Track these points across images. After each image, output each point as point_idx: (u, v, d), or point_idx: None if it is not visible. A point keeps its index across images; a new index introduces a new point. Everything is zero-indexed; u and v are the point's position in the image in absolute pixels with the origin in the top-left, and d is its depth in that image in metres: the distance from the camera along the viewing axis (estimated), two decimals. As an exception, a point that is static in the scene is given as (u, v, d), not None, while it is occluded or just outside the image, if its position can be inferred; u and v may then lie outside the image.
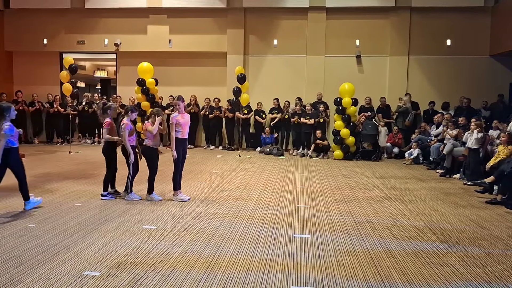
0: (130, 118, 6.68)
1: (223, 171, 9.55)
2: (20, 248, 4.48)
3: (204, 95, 13.95)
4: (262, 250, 4.58)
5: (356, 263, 4.26)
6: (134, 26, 14.41)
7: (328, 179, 8.90)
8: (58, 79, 14.01)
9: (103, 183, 6.82)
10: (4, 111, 5.74)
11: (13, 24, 14.82)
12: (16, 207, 6.10)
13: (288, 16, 14.02)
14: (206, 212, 6.07)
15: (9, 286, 3.59)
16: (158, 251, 4.47)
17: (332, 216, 5.98)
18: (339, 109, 11.86)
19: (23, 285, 3.61)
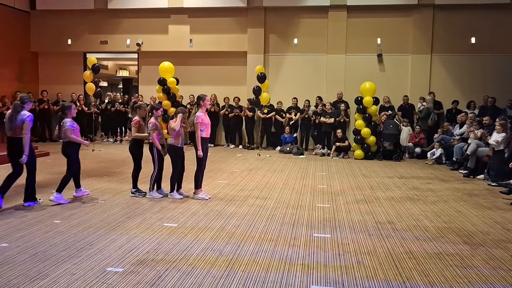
0: (155, 115, 6.77)
1: (243, 170, 9.59)
2: (46, 244, 4.59)
3: (224, 94, 14.02)
4: (282, 249, 4.59)
5: (377, 264, 4.23)
6: (156, 26, 14.59)
7: (348, 178, 8.84)
8: (82, 78, 14.31)
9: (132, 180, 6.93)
10: (66, 109, 6.42)
11: (38, 25, 15.19)
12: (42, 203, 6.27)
13: (308, 14, 13.97)
14: (226, 210, 6.11)
15: (36, 280, 3.69)
16: (179, 249, 4.53)
17: (352, 216, 5.94)
18: (360, 108, 11.76)
19: (49, 279, 3.71)
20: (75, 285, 3.62)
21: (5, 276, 3.75)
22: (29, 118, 5.90)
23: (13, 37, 14.50)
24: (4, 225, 5.21)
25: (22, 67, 15.00)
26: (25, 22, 15.08)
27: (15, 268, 3.94)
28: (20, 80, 14.83)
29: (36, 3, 14.81)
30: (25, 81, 15.01)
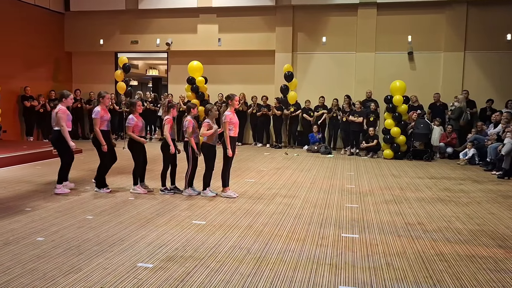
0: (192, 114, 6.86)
1: (270, 169, 9.60)
2: (79, 238, 4.73)
3: (252, 93, 14.05)
4: (310, 248, 4.58)
5: (406, 266, 4.16)
6: (185, 25, 14.76)
7: (377, 178, 8.72)
8: (113, 77, 14.64)
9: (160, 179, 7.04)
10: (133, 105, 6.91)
11: (72, 26, 15.62)
12: (75, 199, 6.46)
13: (337, 12, 13.83)
14: (253, 209, 6.14)
15: (70, 274, 3.81)
16: (207, 246, 4.58)
17: (381, 217, 5.86)
18: (390, 107, 11.56)
19: (82, 273, 3.82)
20: (107, 279, 3.72)
21: (41, 269, 3.89)
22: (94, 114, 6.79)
23: (48, 38, 14.98)
24: (40, 220, 5.40)
25: (56, 67, 15.48)
26: (60, 23, 15.54)
27: (50, 261, 4.08)
28: (55, 79, 15.31)
29: (70, 4, 15.23)
30: (60, 80, 15.48)
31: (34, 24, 14.27)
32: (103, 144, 6.77)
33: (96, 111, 6.82)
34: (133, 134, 6.77)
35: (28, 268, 3.91)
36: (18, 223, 5.24)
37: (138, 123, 6.82)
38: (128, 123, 6.77)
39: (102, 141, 6.76)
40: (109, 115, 7.00)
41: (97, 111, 6.82)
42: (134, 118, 6.80)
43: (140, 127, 6.84)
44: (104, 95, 6.96)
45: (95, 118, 6.78)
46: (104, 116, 6.86)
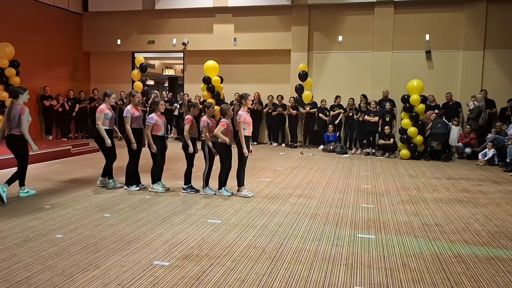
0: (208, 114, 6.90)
1: (285, 168, 9.59)
2: (97, 236, 4.80)
3: (268, 92, 14.05)
4: (325, 248, 4.56)
5: (423, 267, 4.12)
6: (201, 25, 14.83)
7: (393, 178, 8.64)
8: (130, 77, 14.81)
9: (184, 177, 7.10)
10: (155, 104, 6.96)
11: (90, 26, 15.84)
12: (93, 197, 6.56)
13: (353, 11, 13.74)
14: (269, 208, 6.14)
15: (88, 270, 3.87)
16: (223, 245, 4.60)
17: (397, 217, 5.81)
18: (407, 106, 11.43)
19: (100, 270, 3.88)
20: (124, 276, 3.76)
21: (60, 266, 3.96)
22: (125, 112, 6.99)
23: (67, 38, 15.22)
24: (59, 218, 5.49)
25: (75, 67, 15.72)
26: (78, 23, 15.77)
27: (69, 258, 4.15)
28: (73, 79, 15.54)
29: (88, 5, 15.44)
30: (78, 79, 15.72)
31: (54, 25, 14.52)
32: (132, 141, 6.89)
33: (126, 110, 6.95)
34: (149, 134, 6.83)
35: (47, 264, 3.99)
36: (37, 220, 5.35)
37: (158, 121, 6.89)
38: (148, 121, 6.84)
39: (131, 139, 6.88)
40: (139, 113, 7.07)
41: (128, 109, 6.94)
42: (154, 116, 6.87)
43: (159, 125, 6.90)
44: (135, 94, 7.11)
45: (126, 116, 6.89)
46: (134, 114, 6.96)
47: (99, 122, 6.96)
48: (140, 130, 7.10)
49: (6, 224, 5.16)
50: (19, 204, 6.15)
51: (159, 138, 6.93)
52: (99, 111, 7.03)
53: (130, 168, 7.12)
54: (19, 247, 4.42)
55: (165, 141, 7.14)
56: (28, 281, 3.63)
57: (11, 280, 3.65)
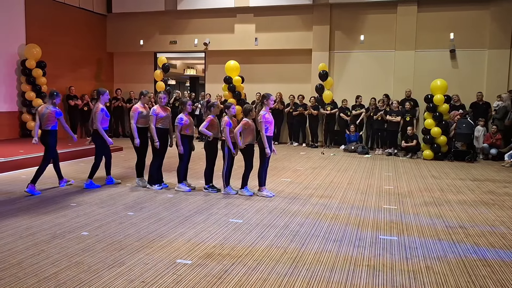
0: (228, 114, 6.96)
1: (306, 168, 9.57)
2: (121, 234, 4.90)
3: (289, 92, 14.04)
4: (347, 249, 4.55)
5: (447, 270, 4.06)
6: (222, 25, 14.92)
7: (416, 179, 8.52)
8: (152, 77, 15.01)
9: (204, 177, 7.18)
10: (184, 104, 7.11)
11: (114, 27, 16.12)
12: (117, 195, 6.69)
13: (376, 10, 13.61)
14: (290, 208, 6.15)
15: (114, 267, 3.96)
16: (245, 244, 4.64)
17: (421, 219, 5.74)
18: (430, 106, 11.26)
19: (125, 267, 3.96)
20: (148, 274, 3.83)
21: (86, 263, 4.06)
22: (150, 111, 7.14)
23: (91, 39, 15.53)
24: (84, 215, 5.62)
25: (99, 67, 16.02)
26: (102, 24, 16.07)
27: (94, 255, 4.25)
28: (97, 79, 15.85)
29: (112, 6, 15.71)
30: (102, 79, 16.02)
31: (79, 26, 14.83)
32: (155, 141, 7.01)
33: (152, 109, 7.08)
34: (178, 134, 6.93)
35: (74, 261, 4.09)
36: (64, 218, 5.48)
37: (186, 122, 6.98)
38: (178, 122, 6.92)
39: (155, 138, 7.00)
40: (164, 113, 7.17)
41: (153, 109, 7.08)
42: (183, 117, 6.96)
43: (188, 126, 7.00)
44: (161, 95, 7.25)
45: (151, 115, 7.02)
46: (160, 114, 7.07)
47: (132, 120, 7.10)
48: (165, 130, 7.20)
49: (34, 221, 5.31)
50: (47, 201, 6.32)
51: (187, 138, 7.01)
52: (133, 110, 7.18)
53: (154, 167, 7.22)
54: (47, 243, 4.55)
55: (192, 141, 7.23)
56: (56, 277, 3.73)
57: (40, 275, 3.76)
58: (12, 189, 7.05)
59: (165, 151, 7.28)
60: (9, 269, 3.88)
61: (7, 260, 4.08)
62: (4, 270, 3.86)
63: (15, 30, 12.61)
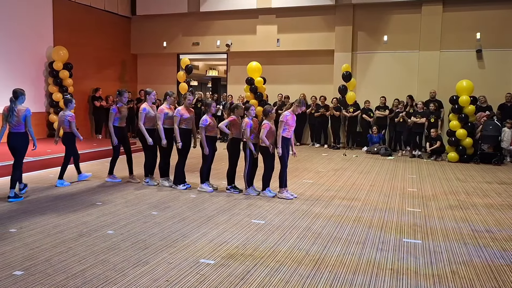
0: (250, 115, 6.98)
1: (328, 170, 9.53)
2: (145, 233, 4.98)
3: (311, 93, 14.00)
4: (370, 252, 4.51)
5: (473, 275, 3.99)
6: (244, 26, 14.97)
7: (441, 182, 8.38)
8: (175, 78, 15.19)
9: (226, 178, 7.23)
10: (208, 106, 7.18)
11: (138, 29, 16.37)
12: (141, 195, 6.80)
13: (400, 10, 13.43)
14: (312, 210, 6.14)
15: (138, 266, 4.03)
16: (267, 245, 4.65)
17: (445, 223, 5.65)
18: (455, 108, 11.05)
19: (149, 266, 4.03)
20: (171, 273, 3.89)
21: (111, 261, 4.14)
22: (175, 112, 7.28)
23: (116, 41, 15.81)
24: (109, 214, 5.74)
25: (123, 68, 16.30)
26: (127, 27, 16.35)
27: (119, 253, 4.33)
28: (121, 80, 16.13)
29: (136, 9, 15.96)
30: (126, 81, 16.29)
31: (104, 28, 15.12)
32: (178, 141, 7.12)
33: (176, 110, 7.19)
34: (203, 135, 7.00)
35: (100, 259, 4.18)
36: (90, 216, 5.61)
37: (211, 123, 7.06)
38: (202, 123, 6.99)
39: (178, 138, 7.11)
40: (188, 114, 7.25)
41: (178, 110, 7.18)
42: (207, 119, 7.04)
43: (212, 127, 7.08)
44: (187, 96, 7.32)
45: (175, 116, 7.12)
46: (184, 115, 7.16)
47: (159, 122, 7.20)
48: (189, 131, 7.29)
49: (62, 219, 5.45)
50: (73, 200, 6.47)
51: (211, 139, 7.08)
52: (159, 111, 7.26)
53: (180, 167, 7.32)
54: (74, 241, 4.67)
55: (216, 142, 7.29)
56: (83, 274, 3.83)
57: (68, 272, 3.86)
58: (40, 188, 7.24)
59: (188, 152, 7.36)
60: (38, 265, 4.00)
61: (37, 256, 4.20)
62: (34, 266, 3.97)
63: (43, 33, 12.95)
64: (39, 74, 13.00)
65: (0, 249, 4.39)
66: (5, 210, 5.86)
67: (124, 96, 7.84)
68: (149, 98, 7.54)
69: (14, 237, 4.76)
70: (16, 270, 3.88)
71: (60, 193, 6.93)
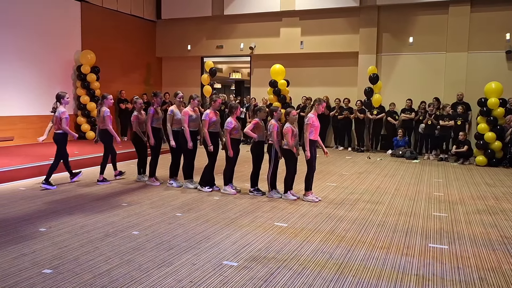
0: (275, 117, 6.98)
1: (352, 173, 9.44)
2: (170, 234, 5.05)
3: (335, 95, 13.92)
4: (395, 257, 4.45)
5: (502, 282, 3.89)
6: (268, 29, 15.01)
7: (468, 186, 8.20)
8: (199, 81, 15.34)
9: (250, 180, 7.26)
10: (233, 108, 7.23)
11: (163, 33, 16.62)
12: (165, 196, 6.90)
13: (426, 11, 13.22)
14: (335, 213, 6.10)
15: (163, 267, 4.09)
16: (290, 248, 4.65)
17: (473, 228, 5.52)
18: (484, 110, 10.79)
19: (173, 267, 4.08)
20: (195, 274, 3.93)
21: (137, 261, 4.21)
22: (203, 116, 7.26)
23: (142, 45, 16.10)
24: (135, 215, 5.84)
25: (148, 71, 16.57)
26: (152, 30, 16.62)
27: (144, 254, 4.40)
28: (146, 83, 16.39)
29: (161, 13, 16.21)
30: (151, 83, 16.55)
31: (130, 32, 15.42)
32: (209, 144, 7.16)
33: (205, 114, 7.19)
34: (228, 137, 7.06)
35: (126, 259, 4.26)
36: (116, 217, 5.72)
37: (236, 125, 7.10)
38: (227, 126, 7.04)
39: (208, 142, 7.15)
40: (217, 117, 7.31)
41: (206, 113, 7.19)
42: (232, 121, 7.08)
43: (236, 129, 7.12)
44: (216, 99, 7.33)
45: (204, 120, 7.16)
46: (213, 119, 7.21)
47: (185, 124, 7.27)
48: (216, 134, 7.34)
49: (89, 219, 5.58)
50: (100, 201, 6.61)
51: (235, 141, 7.13)
52: (184, 113, 7.34)
53: (208, 169, 7.36)
54: (100, 241, 4.77)
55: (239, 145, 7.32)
56: (109, 273, 3.91)
57: (95, 271, 3.94)
58: (68, 188, 7.43)
59: (217, 154, 7.40)
60: (66, 264, 4.10)
61: (65, 256, 4.31)
62: (62, 265, 4.08)
63: (72, 37, 13.29)
64: (68, 78, 13.34)
65: (31, 248, 4.52)
66: (35, 210, 6.04)
67: (159, 97, 7.95)
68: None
69: (43, 236, 4.89)
70: (45, 268, 4.00)
71: (87, 193, 7.09)
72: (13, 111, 11.60)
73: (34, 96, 12.20)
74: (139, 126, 8.06)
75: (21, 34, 11.74)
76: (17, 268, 3.99)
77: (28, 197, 6.77)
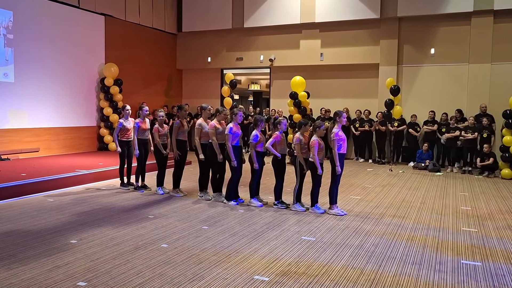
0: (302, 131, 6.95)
1: (375, 186, 9.36)
2: (198, 248, 5.06)
3: (355, 107, 13.87)
4: (427, 274, 4.38)
5: (541, 301, 3.79)
6: (288, 41, 15.08)
7: (496, 200, 8.05)
8: (219, 93, 15.46)
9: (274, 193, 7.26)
10: (258, 121, 7.22)
11: (183, 45, 16.84)
12: (190, 209, 6.93)
13: (447, 22, 13.13)
14: (362, 227, 6.04)
15: (194, 281, 4.10)
16: (320, 263, 4.62)
17: (505, 244, 5.41)
18: (510, 123, 10.62)
19: (205, 281, 4.09)
20: (227, 289, 3.93)
21: (168, 274, 4.24)
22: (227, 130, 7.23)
23: (163, 57, 16.33)
24: (162, 228, 5.88)
25: (169, 83, 16.77)
26: (173, 43, 16.85)
27: (175, 268, 4.42)
28: (167, 94, 16.58)
29: (182, 26, 16.44)
30: (171, 95, 16.74)
31: (152, 45, 15.65)
32: (233, 159, 7.17)
33: (228, 127, 7.21)
34: (253, 151, 7.08)
35: (157, 272, 4.29)
36: (144, 229, 5.77)
37: (261, 138, 7.13)
38: (253, 139, 7.07)
39: (232, 157, 7.16)
40: (240, 131, 7.35)
41: (230, 127, 7.20)
42: (258, 134, 7.11)
43: (261, 141, 7.14)
44: (237, 112, 7.35)
45: (227, 134, 7.17)
46: (236, 133, 7.25)
47: (213, 137, 7.29)
48: (240, 148, 7.39)
49: (118, 232, 5.64)
50: (126, 213, 6.67)
51: (260, 154, 7.15)
52: (210, 127, 7.37)
53: (233, 183, 7.37)
54: (131, 254, 4.81)
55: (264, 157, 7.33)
56: (142, 287, 3.93)
57: (128, 285, 3.97)
58: (94, 200, 7.52)
59: (241, 168, 7.42)
60: (100, 277, 4.14)
61: (98, 268, 4.36)
62: (96, 277, 4.12)
63: (96, 50, 13.56)
64: (91, 90, 13.58)
65: (64, 260, 4.58)
66: (65, 221, 6.13)
67: (184, 110, 8.05)
68: (204, 113, 7.69)
69: (75, 248, 4.96)
70: (79, 281, 4.04)
71: (114, 205, 7.17)
72: (39, 123, 11.84)
73: (60, 108, 12.45)
74: (160, 138, 8.11)
75: (48, 48, 12.03)
76: (53, 280, 4.04)
77: (56, 208, 6.88)
